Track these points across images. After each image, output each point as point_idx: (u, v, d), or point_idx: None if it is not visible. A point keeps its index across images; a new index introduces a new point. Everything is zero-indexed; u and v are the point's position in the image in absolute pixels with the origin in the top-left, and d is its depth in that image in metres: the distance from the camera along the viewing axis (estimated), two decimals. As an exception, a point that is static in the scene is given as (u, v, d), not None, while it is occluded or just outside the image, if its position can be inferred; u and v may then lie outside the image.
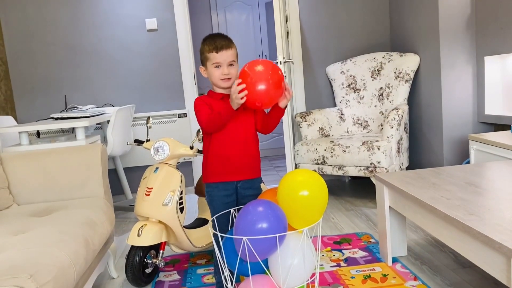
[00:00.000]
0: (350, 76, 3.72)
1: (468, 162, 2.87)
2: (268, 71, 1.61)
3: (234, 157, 1.76)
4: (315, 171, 2.78)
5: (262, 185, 2.52)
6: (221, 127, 1.73)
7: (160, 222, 2.13)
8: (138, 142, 2.44)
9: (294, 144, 3.48)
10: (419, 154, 3.55)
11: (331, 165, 3.22)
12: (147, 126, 2.40)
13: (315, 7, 3.90)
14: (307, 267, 1.58)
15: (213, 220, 1.74)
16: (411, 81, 3.44)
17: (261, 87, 1.60)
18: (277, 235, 1.48)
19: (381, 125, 3.52)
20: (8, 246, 1.52)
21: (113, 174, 3.73)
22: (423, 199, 1.73)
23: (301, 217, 1.58)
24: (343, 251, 2.40)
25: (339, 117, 3.68)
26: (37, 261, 1.38)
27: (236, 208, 1.80)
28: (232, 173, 1.78)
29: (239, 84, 1.60)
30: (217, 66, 1.71)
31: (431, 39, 3.20)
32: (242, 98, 1.60)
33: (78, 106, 3.51)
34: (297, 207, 1.56)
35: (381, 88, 3.57)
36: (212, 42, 1.71)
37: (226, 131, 1.74)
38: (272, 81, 1.61)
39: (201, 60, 1.77)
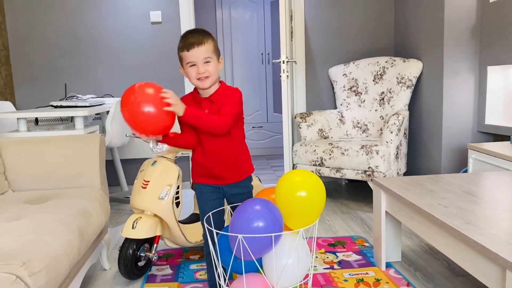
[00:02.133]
0: (352, 79, 3.71)
1: (465, 171, 2.87)
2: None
3: (212, 167, 1.71)
4: (312, 172, 2.77)
5: (258, 183, 2.52)
6: (185, 145, 1.69)
7: (155, 215, 2.12)
8: (137, 134, 2.43)
9: (292, 144, 3.47)
10: (417, 161, 3.55)
11: (328, 167, 3.21)
12: (146, 119, 2.38)
13: (321, 8, 3.89)
14: (301, 268, 1.57)
15: (206, 217, 1.73)
16: (413, 87, 3.43)
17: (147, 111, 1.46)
18: (273, 234, 1.47)
19: (381, 130, 3.52)
20: (2, 233, 1.51)
21: (109, 165, 3.72)
22: (420, 205, 1.73)
23: (297, 218, 1.57)
24: (337, 253, 2.40)
25: (339, 119, 3.67)
26: (30, 249, 1.37)
27: (231, 206, 1.79)
28: (214, 179, 1.75)
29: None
30: (192, 65, 1.62)
31: (435, 46, 3.20)
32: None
33: (78, 95, 3.49)
34: (294, 207, 1.55)
35: (383, 92, 3.56)
36: (182, 40, 1.62)
37: (201, 140, 1.69)
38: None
39: (179, 59, 1.68)
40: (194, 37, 1.61)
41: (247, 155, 1.81)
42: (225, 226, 1.84)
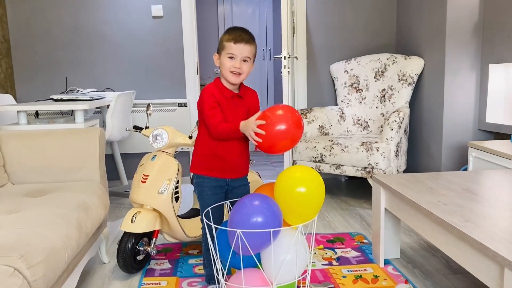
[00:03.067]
0: (354, 75, 3.70)
1: (465, 169, 2.87)
2: (287, 114, 1.62)
3: (230, 158, 1.75)
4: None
5: (258, 179, 2.52)
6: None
7: (154, 210, 2.13)
8: (137, 128, 2.43)
9: (293, 140, 3.46)
10: (417, 158, 3.55)
11: (328, 164, 3.21)
12: (147, 113, 2.38)
13: (323, 4, 3.88)
14: (300, 264, 1.57)
15: (206, 212, 1.74)
16: (414, 84, 3.42)
17: (281, 127, 1.59)
18: (271, 230, 1.47)
19: (381, 127, 3.52)
20: (0, 225, 1.51)
21: (109, 159, 3.72)
22: (419, 203, 1.73)
23: (296, 214, 1.57)
24: (335, 250, 2.40)
25: (339, 116, 3.67)
26: (29, 242, 1.37)
27: (230, 201, 1.80)
28: (225, 171, 1.78)
29: (259, 126, 1.59)
30: (231, 57, 1.68)
31: (437, 44, 3.19)
32: (255, 139, 1.61)
33: (78, 89, 3.48)
34: (294, 203, 1.55)
35: (384, 89, 3.55)
36: (233, 32, 1.70)
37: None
38: (291, 121, 1.61)
39: (218, 47, 1.74)
40: (245, 34, 1.71)
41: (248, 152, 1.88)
42: (224, 221, 1.84)
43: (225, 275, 1.63)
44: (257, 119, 1.59)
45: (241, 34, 1.69)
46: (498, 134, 3.01)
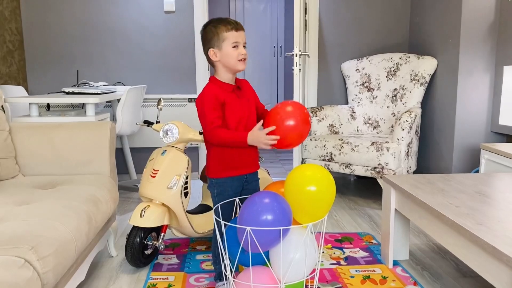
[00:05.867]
0: (365, 74, 3.67)
1: (477, 171, 2.84)
2: (297, 110, 1.68)
3: (244, 152, 1.74)
4: (322, 167, 2.75)
5: (267, 176, 2.51)
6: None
7: (163, 204, 2.13)
8: (148, 123, 2.43)
9: (302, 138, 3.45)
10: (427, 159, 3.51)
11: (338, 163, 3.19)
12: (157, 108, 2.38)
13: (336, 2, 3.85)
14: (308, 263, 1.56)
15: (217, 209, 1.73)
16: (426, 85, 3.39)
17: (291, 123, 1.65)
18: (281, 228, 1.46)
19: (392, 127, 3.49)
20: (11, 216, 1.52)
21: (118, 153, 3.72)
22: (431, 204, 1.71)
23: (306, 212, 1.56)
24: (344, 249, 2.39)
25: (350, 115, 3.64)
26: (39, 234, 1.38)
27: (239, 198, 1.79)
28: (242, 167, 1.77)
29: (271, 132, 1.64)
30: (235, 46, 1.66)
31: (451, 44, 3.15)
32: (271, 146, 1.66)
33: (89, 82, 3.50)
34: (304, 201, 1.54)
35: (396, 89, 3.52)
36: (226, 22, 1.67)
37: (238, 128, 1.70)
38: (300, 118, 1.67)
39: (212, 42, 1.67)
40: (236, 22, 1.69)
41: None
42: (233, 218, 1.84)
43: (233, 272, 1.62)
44: (264, 126, 1.66)
45: (235, 22, 1.69)
46: (511, 136, 2.97)
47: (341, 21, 3.88)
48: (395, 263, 2.19)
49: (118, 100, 3.27)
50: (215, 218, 1.66)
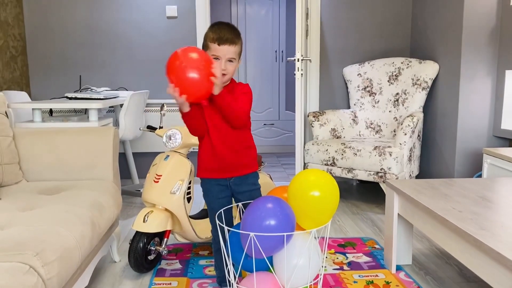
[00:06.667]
0: (367, 79, 3.68)
1: (479, 176, 2.83)
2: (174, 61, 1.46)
3: (220, 155, 1.71)
4: (324, 172, 2.75)
5: (269, 181, 2.51)
6: (196, 128, 1.69)
7: (166, 210, 2.13)
8: (151, 128, 2.44)
9: (304, 143, 3.46)
10: (430, 163, 3.51)
11: (340, 167, 3.20)
12: (160, 113, 2.39)
13: (337, 6, 3.86)
14: (312, 268, 1.56)
15: (215, 215, 1.73)
16: (428, 89, 3.39)
17: (192, 75, 1.45)
18: (285, 234, 1.47)
19: (394, 131, 3.49)
20: (15, 222, 1.52)
21: (121, 158, 3.73)
22: (434, 209, 1.71)
23: (310, 218, 1.56)
24: (347, 254, 2.39)
25: (352, 119, 3.65)
26: (44, 240, 1.38)
27: (243, 203, 1.79)
28: (222, 170, 1.74)
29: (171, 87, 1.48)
30: (215, 58, 1.60)
31: (453, 48, 3.16)
32: (180, 97, 1.48)
33: (92, 88, 3.51)
34: (307, 207, 1.54)
35: (397, 93, 3.53)
36: (217, 31, 1.60)
37: (209, 129, 1.69)
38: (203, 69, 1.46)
39: (203, 45, 1.66)
40: (229, 34, 1.61)
41: (253, 151, 1.81)
42: (234, 223, 1.84)
43: (236, 278, 1.62)
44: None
45: (225, 34, 1.60)
46: (513, 141, 2.97)
47: (343, 26, 3.89)
48: (398, 268, 2.19)
49: (121, 105, 3.29)
50: (212, 224, 1.66)
